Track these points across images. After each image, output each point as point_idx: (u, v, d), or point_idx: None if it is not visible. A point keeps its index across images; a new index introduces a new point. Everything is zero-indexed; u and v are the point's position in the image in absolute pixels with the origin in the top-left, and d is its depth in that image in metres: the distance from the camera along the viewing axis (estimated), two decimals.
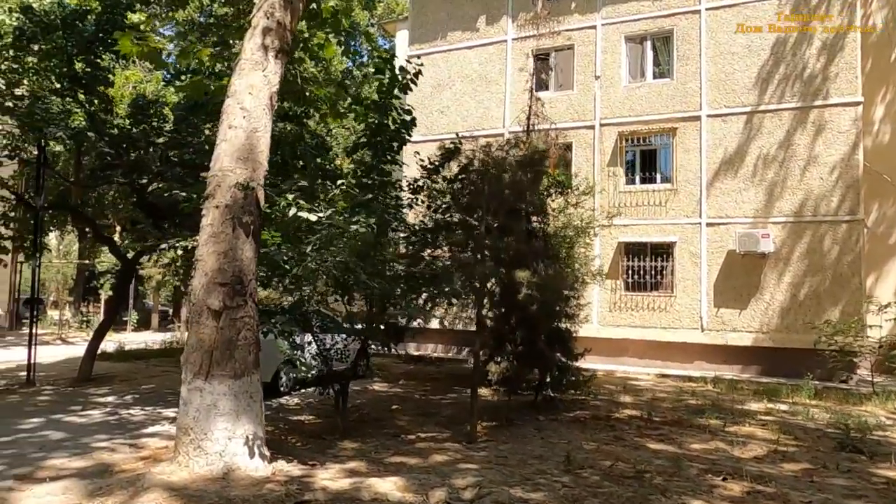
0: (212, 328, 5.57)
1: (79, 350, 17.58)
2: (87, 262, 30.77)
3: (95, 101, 9.45)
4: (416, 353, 16.07)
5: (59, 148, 11.43)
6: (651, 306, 14.71)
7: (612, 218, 13.64)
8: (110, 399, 9.14)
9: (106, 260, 31.75)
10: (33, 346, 10.39)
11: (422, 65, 7.46)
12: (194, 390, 5.50)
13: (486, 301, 7.85)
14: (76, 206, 10.70)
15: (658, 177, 15.15)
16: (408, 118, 7.28)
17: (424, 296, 7.05)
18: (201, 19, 10.92)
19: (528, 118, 12.16)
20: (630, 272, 14.96)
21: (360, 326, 7.36)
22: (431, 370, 13.93)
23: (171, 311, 34.32)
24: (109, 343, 17.83)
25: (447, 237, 7.73)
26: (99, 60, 9.97)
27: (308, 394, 10.24)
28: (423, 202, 8.12)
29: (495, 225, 7.73)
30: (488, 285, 7.71)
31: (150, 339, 21.01)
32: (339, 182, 6.99)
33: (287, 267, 6.08)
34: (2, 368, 12.64)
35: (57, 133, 8.00)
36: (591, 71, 15.80)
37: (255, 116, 6.13)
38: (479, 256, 7.24)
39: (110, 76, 10.03)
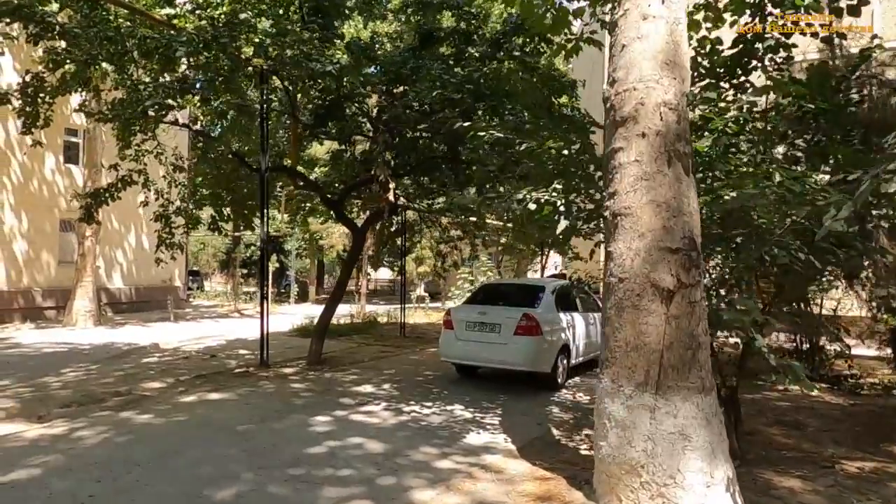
0: (659, 317, 3.71)
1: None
2: (238, 234, 31.23)
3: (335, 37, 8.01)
4: None
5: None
6: None
7: None
8: (369, 389, 7.81)
9: (252, 233, 32.16)
10: (265, 321, 9.32)
11: None
12: (640, 409, 3.68)
13: None
14: (296, 169, 9.49)
15: None
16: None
17: None
18: None
19: None
20: None
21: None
22: None
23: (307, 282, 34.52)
24: (294, 317, 17.24)
25: None
26: None
27: (584, 385, 8.43)
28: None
29: None
30: None
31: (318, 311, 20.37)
32: None
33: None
34: (214, 345, 12.00)
35: (326, 68, 6.57)
36: None
37: (675, 0, 4.13)
38: None
39: (345, 9, 8.58)
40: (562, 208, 4.98)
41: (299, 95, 9.38)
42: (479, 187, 12.17)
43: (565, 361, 8.16)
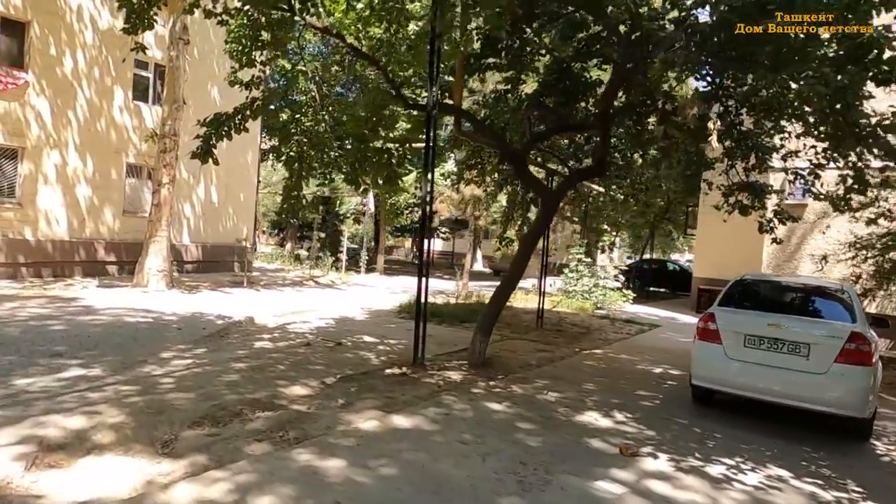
0: None
1: (352, 297, 14.65)
2: (301, 192, 28.65)
3: None
4: None
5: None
6: None
7: None
8: (600, 420, 5.48)
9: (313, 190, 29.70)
10: (422, 306, 7.00)
11: None
12: None
13: None
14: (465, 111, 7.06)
15: None
16: None
17: None
18: None
19: None
20: None
21: None
22: None
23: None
24: (375, 289, 15.01)
25: None
26: None
27: (882, 433, 5.99)
28: None
29: None
30: None
31: (398, 284, 18.24)
32: None
33: None
34: (324, 326, 9.83)
35: None
36: None
37: None
38: None
39: None
40: None
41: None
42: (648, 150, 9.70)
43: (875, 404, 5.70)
